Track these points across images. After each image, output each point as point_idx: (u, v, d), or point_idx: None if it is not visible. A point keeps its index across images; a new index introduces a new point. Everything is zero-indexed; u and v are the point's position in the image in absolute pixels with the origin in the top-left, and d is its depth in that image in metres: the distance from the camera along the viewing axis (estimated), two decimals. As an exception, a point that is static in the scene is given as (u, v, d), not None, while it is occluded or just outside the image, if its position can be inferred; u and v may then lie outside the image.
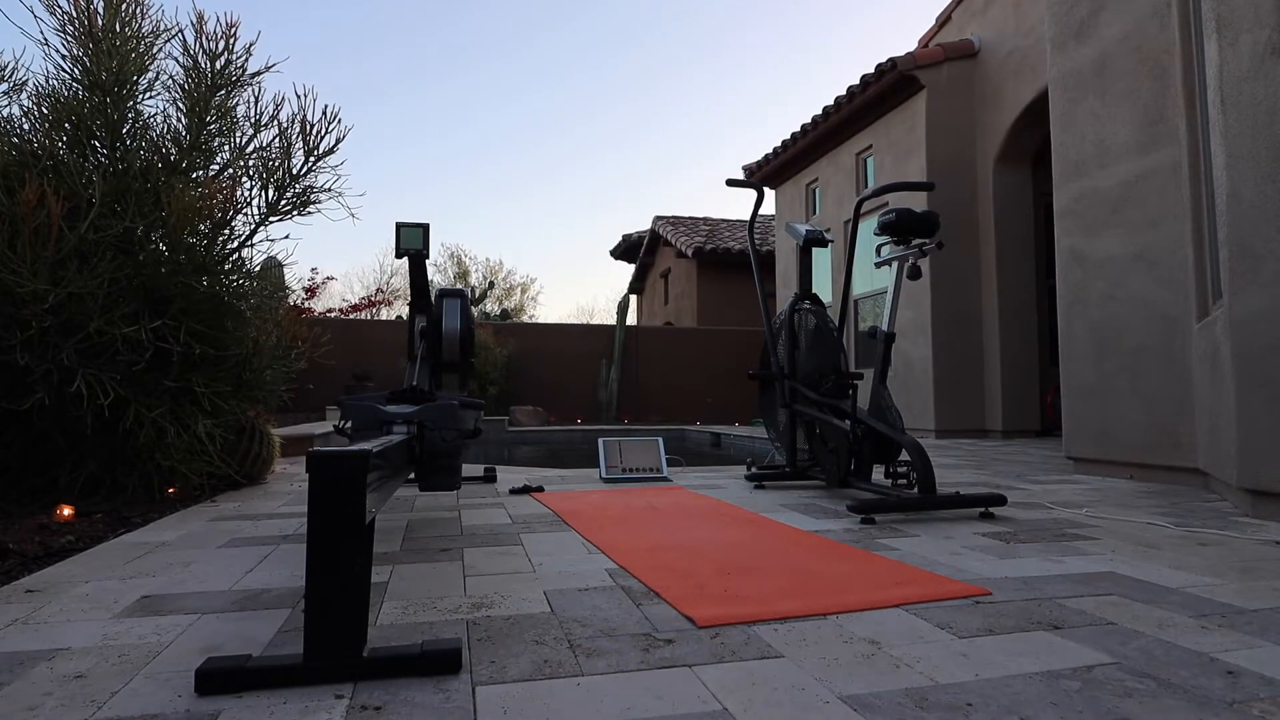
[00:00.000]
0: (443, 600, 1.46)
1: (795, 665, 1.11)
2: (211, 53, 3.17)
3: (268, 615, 1.37)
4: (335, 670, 1.04)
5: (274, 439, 3.47)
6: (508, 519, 2.42)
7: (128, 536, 2.15)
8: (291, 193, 3.26)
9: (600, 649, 1.18)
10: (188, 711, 0.96)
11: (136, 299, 2.80)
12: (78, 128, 2.95)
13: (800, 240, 3.33)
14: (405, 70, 42.48)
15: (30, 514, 2.43)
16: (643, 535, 2.09)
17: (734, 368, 11.53)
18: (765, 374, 3.49)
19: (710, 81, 50.45)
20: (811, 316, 3.24)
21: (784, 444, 3.37)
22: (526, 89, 44.81)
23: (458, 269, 21.74)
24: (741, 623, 1.30)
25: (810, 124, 8.40)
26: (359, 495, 1.05)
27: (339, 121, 3.30)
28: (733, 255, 13.65)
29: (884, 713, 0.94)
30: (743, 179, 3.69)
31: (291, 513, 2.56)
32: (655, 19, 48.29)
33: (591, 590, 1.53)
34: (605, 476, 3.47)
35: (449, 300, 2.98)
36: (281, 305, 3.64)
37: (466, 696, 0.99)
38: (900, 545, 1.99)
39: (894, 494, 2.64)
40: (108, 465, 2.82)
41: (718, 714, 0.94)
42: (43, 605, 1.44)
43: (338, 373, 8.98)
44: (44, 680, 1.06)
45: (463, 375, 3.05)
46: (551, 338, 11.92)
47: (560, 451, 7.90)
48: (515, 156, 44.03)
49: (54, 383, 2.59)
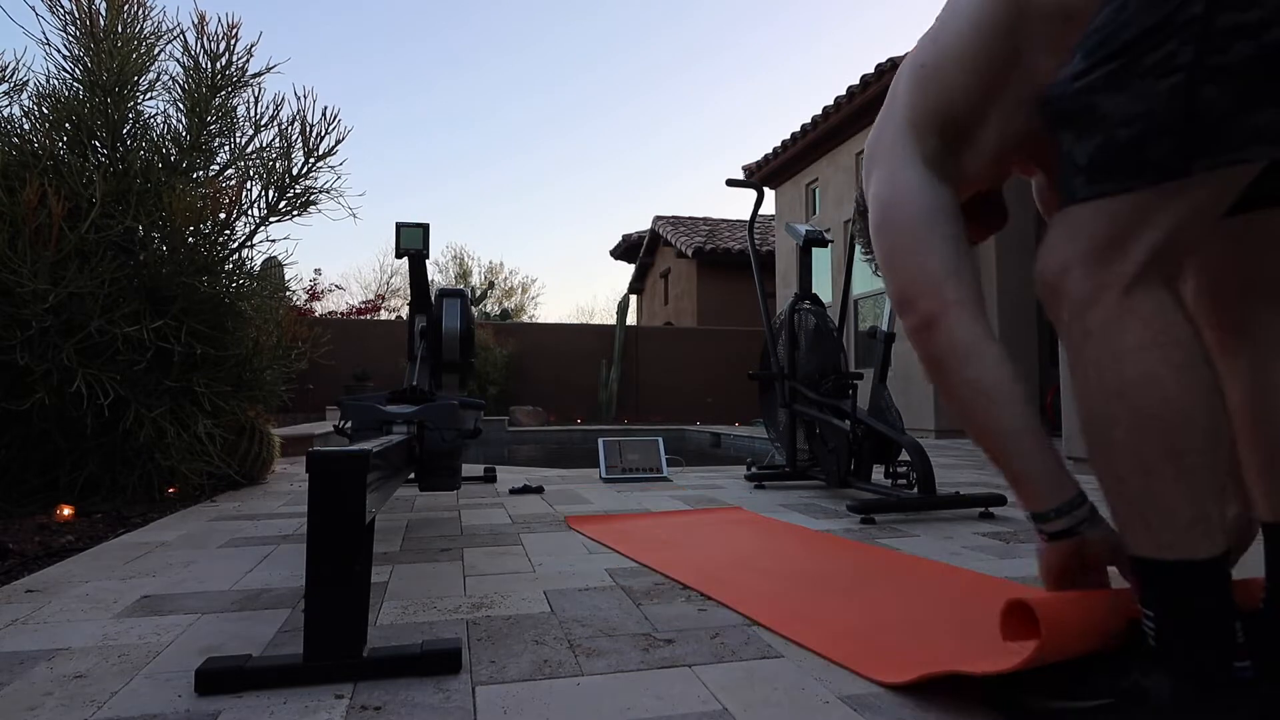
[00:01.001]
0: (443, 600, 1.46)
1: (795, 665, 1.10)
2: (213, 53, 3.17)
3: (268, 615, 1.37)
4: (335, 670, 1.04)
5: (274, 439, 3.47)
6: (508, 519, 2.42)
7: (128, 536, 2.15)
8: (292, 193, 3.26)
9: (600, 649, 1.18)
10: (188, 711, 0.96)
11: (137, 299, 2.80)
12: (78, 128, 2.95)
13: (800, 240, 3.33)
14: (406, 71, 42.52)
15: (30, 514, 2.43)
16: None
17: (734, 368, 11.52)
18: (765, 374, 3.49)
19: (711, 82, 50.49)
20: (811, 316, 3.24)
21: (784, 444, 3.37)
22: (527, 90, 44.85)
23: (459, 269, 21.76)
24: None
25: (810, 124, 8.41)
26: (359, 495, 1.05)
27: (339, 122, 3.31)
28: (733, 255, 13.65)
29: (884, 713, 0.94)
30: (743, 179, 3.69)
31: (291, 513, 2.56)
32: (656, 20, 48.33)
33: (591, 590, 1.53)
34: (605, 476, 3.48)
35: (449, 300, 2.98)
36: (282, 305, 3.64)
37: (466, 696, 0.99)
38: (900, 545, 1.99)
39: (894, 494, 2.64)
40: (108, 465, 2.82)
41: (718, 714, 0.94)
42: (43, 605, 1.44)
43: (338, 373, 8.98)
44: (44, 680, 1.06)
45: (463, 375, 3.05)
46: (551, 338, 11.92)
47: (560, 451, 7.90)
48: (516, 157, 44.08)
49: (54, 383, 2.59)
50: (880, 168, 1.10)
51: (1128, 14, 0.81)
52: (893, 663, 1.08)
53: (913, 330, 1.04)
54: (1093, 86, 0.84)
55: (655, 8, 51.06)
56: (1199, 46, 0.75)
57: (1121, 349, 0.82)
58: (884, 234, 1.08)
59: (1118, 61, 0.81)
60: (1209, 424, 0.80)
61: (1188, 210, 0.81)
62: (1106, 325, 0.83)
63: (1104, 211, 0.84)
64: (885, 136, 1.11)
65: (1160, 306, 0.82)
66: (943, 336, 1.00)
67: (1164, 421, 0.80)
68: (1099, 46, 0.84)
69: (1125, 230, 0.83)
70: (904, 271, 1.05)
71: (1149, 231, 0.82)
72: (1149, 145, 0.80)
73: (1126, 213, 0.83)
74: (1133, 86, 0.80)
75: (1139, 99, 0.80)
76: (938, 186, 1.05)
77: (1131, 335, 0.82)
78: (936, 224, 1.03)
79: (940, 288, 1.00)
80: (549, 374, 11.52)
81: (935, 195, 1.04)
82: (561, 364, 11.63)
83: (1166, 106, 0.78)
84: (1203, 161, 0.77)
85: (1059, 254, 0.88)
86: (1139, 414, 0.81)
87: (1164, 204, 0.81)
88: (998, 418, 0.98)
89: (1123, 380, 0.82)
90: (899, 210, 1.06)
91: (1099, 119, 0.83)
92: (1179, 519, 0.80)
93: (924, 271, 1.02)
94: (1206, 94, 0.75)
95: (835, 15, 54.28)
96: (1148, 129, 0.79)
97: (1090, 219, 0.86)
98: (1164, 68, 0.77)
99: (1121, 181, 0.83)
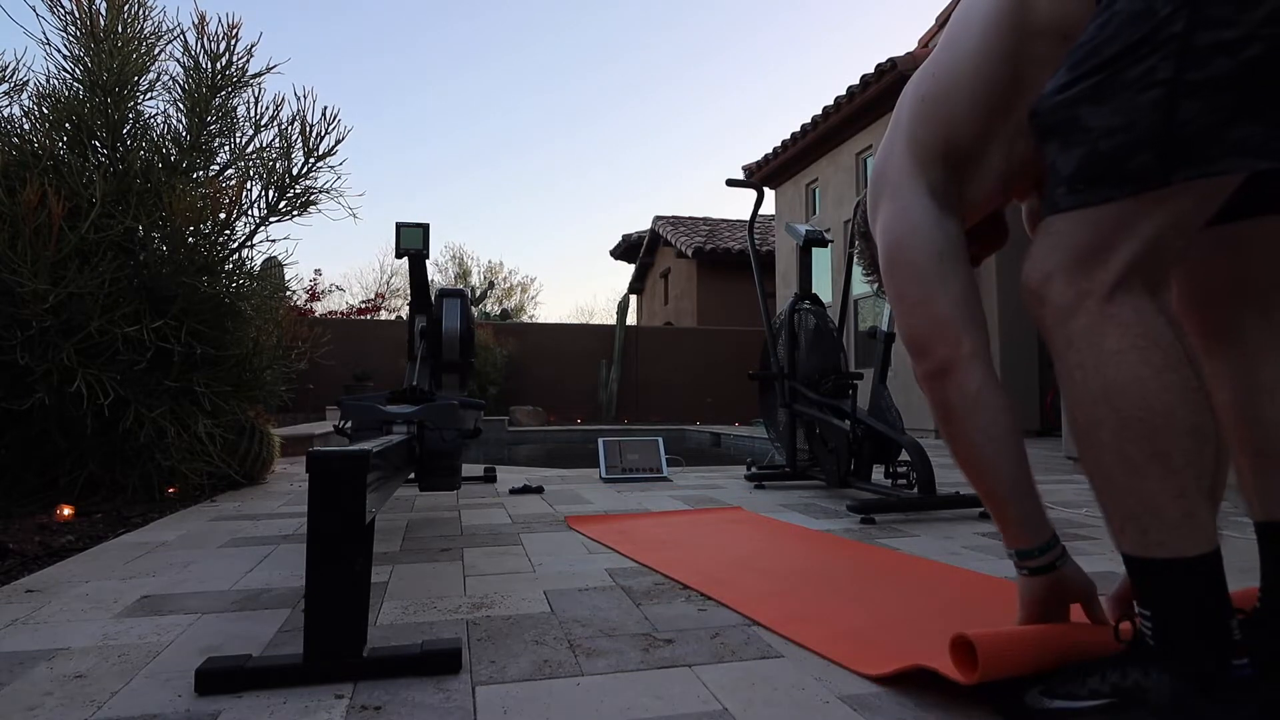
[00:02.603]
0: (443, 600, 1.46)
1: (795, 665, 1.11)
2: (213, 54, 3.17)
3: (268, 615, 1.37)
4: (335, 670, 1.04)
5: (274, 439, 3.47)
6: (508, 519, 2.42)
7: (128, 536, 2.15)
8: (292, 193, 3.26)
9: (600, 649, 1.18)
10: (188, 711, 0.96)
11: (137, 299, 2.80)
12: (79, 128, 2.95)
13: (800, 240, 3.33)
14: (406, 71, 42.53)
15: (30, 514, 2.43)
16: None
17: (734, 368, 11.52)
18: (765, 374, 3.49)
19: (711, 82, 50.52)
20: (811, 316, 3.24)
21: (784, 444, 3.38)
22: (527, 90, 44.85)
23: (459, 269, 21.75)
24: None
25: (810, 124, 8.40)
26: (359, 495, 1.05)
27: (339, 122, 3.31)
28: (733, 255, 13.65)
29: (884, 713, 0.94)
30: (743, 179, 3.69)
31: (291, 513, 2.56)
32: (656, 20, 48.35)
33: (591, 590, 1.53)
34: (605, 476, 3.48)
35: (449, 300, 2.98)
36: (282, 305, 3.64)
37: (466, 696, 0.99)
38: (900, 545, 1.99)
39: (894, 494, 2.64)
40: (107, 465, 2.82)
41: (718, 714, 0.94)
42: (43, 605, 1.44)
43: (338, 373, 8.99)
44: (44, 680, 1.06)
45: (463, 375, 3.05)
46: (551, 338, 11.92)
47: (560, 451, 7.90)
48: (516, 157, 44.10)
49: (54, 383, 2.59)
50: (888, 201, 1.13)
51: (1112, 29, 0.83)
52: (889, 660, 1.08)
53: (925, 376, 1.09)
54: (1077, 99, 0.86)
55: (656, 8, 51.08)
56: (1179, 62, 0.77)
57: (1103, 354, 0.84)
58: (894, 275, 1.12)
59: (1101, 75, 0.83)
60: (1193, 423, 0.81)
61: (1168, 220, 0.83)
62: (1088, 332, 0.85)
63: (1086, 221, 0.86)
64: (891, 167, 1.14)
65: (1140, 312, 0.84)
66: (955, 386, 1.05)
67: (1147, 423, 0.81)
68: (1084, 60, 0.86)
69: (1106, 240, 0.85)
70: (917, 317, 1.10)
71: (1130, 241, 0.84)
72: (1130, 157, 0.81)
73: (1108, 223, 0.85)
74: (1115, 99, 0.82)
75: (1121, 112, 0.81)
76: (945, 222, 1.08)
77: (1112, 340, 0.84)
78: (946, 264, 1.07)
79: (955, 338, 1.05)
80: (549, 374, 11.52)
81: (943, 232, 1.08)
82: (561, 364, 11.62)
83: (1147, 119, 0.80)
84: (1182, 173, 0.79)
85: (1042, 263, 0.90)
86: (1123, 416, 0.83)
87: (1144, 214, 0.83)
88: (999, 465, 1.04)
89: (1105, 384, 0.84)
90: (909, 251, 1.09)
91: (1082, 130, 0.85)
92: (1168, 517, 0.81)
93: (937, 321, 1.07)
94: (1186, 108, 0.77)
95: (835, 15, 54.31)
96: (1129, 141, 0.81)
97: (1072, 229, 0.88)
98: (1145, 82, 0.79)
99: (1103, 192, 0.84)
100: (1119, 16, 0.82)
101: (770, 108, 52.96)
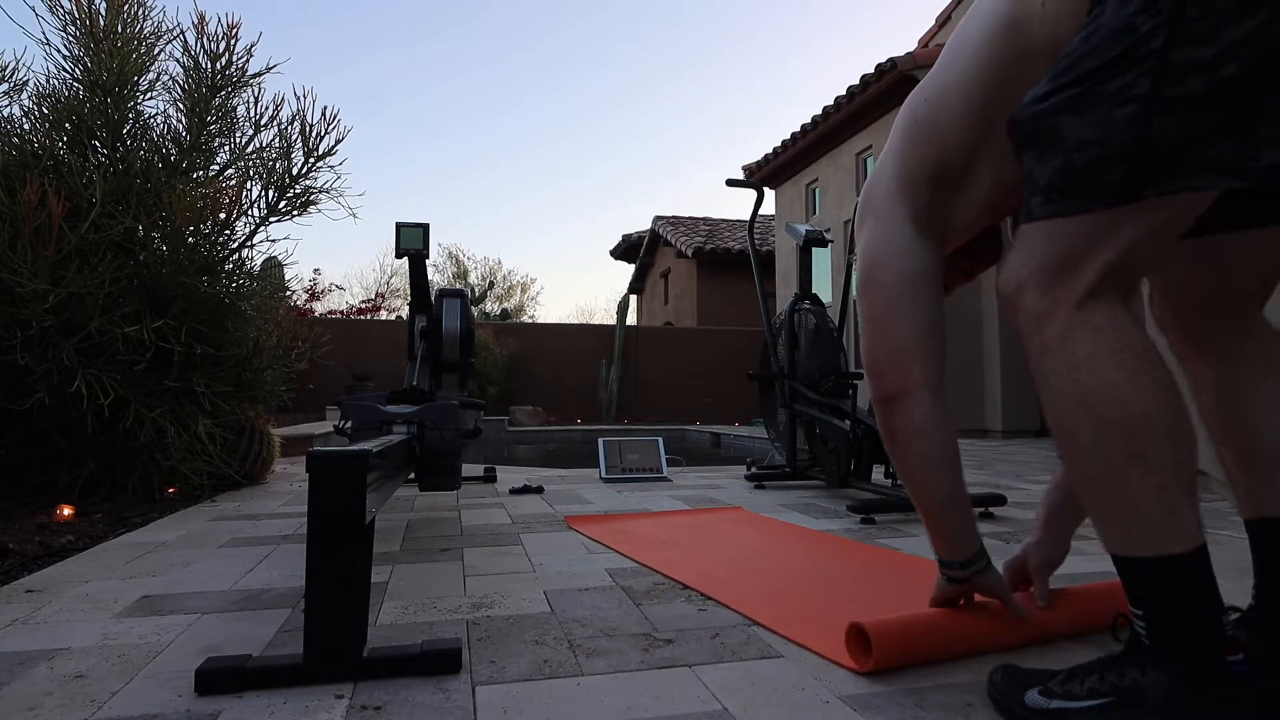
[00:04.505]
0: (443, 600, 1.46)
1: (795, 665, 1.11)
2: (213, 54, 3.17)
3: (268, 615, 1.37)
4: (335, 670, 1.04)
5: (274, 439, 3.47)
6: (508, 519, 2.43)
7: (128, 536, 2.15)
8: (292, 193, 3.26)
9: (600, 649, 1.18)
10: (188, 711, 0.96)
11: (137, 299, 2.80)
12: (78, 128, 2.95)
13: (800, 240, 3.33)
14: (406, 71, 42.55)
15: (30, 514, 2.43)
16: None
17: (734, 368, 11.51)
18: (765, 374, 3.49)
19: (711, 82, 50.55)
20: (811, 316, 3.24)
21: (784, 444, 3.38)
22: (527, 90, 44.88)
23: (457, 269, 21.74)
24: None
25: (810, 124, 8.40)
26: (359, 495, 1.05)
27: (339, 122, 3.31)
28: (733, 255, 13.64)
29: (884, 713, 0.94)
30: (743, 179, 3.69)
31: (291, 513, 2.56)
32: (656, 20, 48.37)
33: (591, 590, 1.53)
34: (605, 476, 3.48)
35: (449, 300, 2.98)
36: (282, 305, 3.64)
37: (466, 696, 1.00)
38: (900, 545, 1.99)
39: (894, 494, 2.64)
40: (108, 465, 2.82)
41: (718, 714, 0.94)
42: (43, 605, 1.44)
43: (338, 373, 8.98)
44: (44, 680, 1.06)
45: (463, 375, 3.04)
46: (551, 338, 11.91)
47: (560, 451, 7.90)
48: (516, 157, 44.11)
49: (54, 383, 2.59)
50: (871, 222, 1.17)
51: (1094, 43, 0.83)
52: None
53: (876, 400, 1.15)
54: (1055, 109, 0.86)
55: (656, 8, 51.11)
56: (1156, 78, 0.78)
57: (1076, 359, 0.85)
58: (866, 296, 1.17)
59: (1080, 87, 0.84)
60: (1169, 423, 0.82)
61: (1141, 233, 0.84)
62: (1061, 338, 0.87)
63: (1059, 231, 0.87)
64: (878, 189, 1.17)
65: (1112, 316, 0.85)
66: (901, 413, 1.11)
67: (1124, 425, 0.82)
68: (1064, 71, 0.86)
69: (1079, 250, 0.86)
70: (877, 341, 1.14)
71: (1102, 252, 0.85)
72: (1104, 170, 0.82)
73: (1081, 234, 0.86)
74: (1092, 112, 0.83)
75: (1097, 124, 0.82)
76: (923, 250, 1.12)
77: (1084, 346, 0.85)
78: (916, 290, 1.11)
79: (909, 368, 1.10)
80: (549, 374, 11.52)
81: (918, 259, 1.12)
82: (561, 364, 11.62)
83: (1123, 134, 0.80)
84: (1154, 188, 0.79)
85: (1016, 271, 0.92)
86: (1099, 419, 0.83)
87: (1117, 226, 0.84)
88: (935, 488, 1.13)
89: (1080, 388, 0.85)
90: (883, 272, 1.13)
91: (1058, 141, 0.86)
92: (1150, 516, 0.82)
93: (894, 349, 1.12)
94: (1161, 124, 0.78)
95: (835, 15, 54.34)
96: (1104, 154, 0.82)
97: (1046, 238, 0.88)
98: (1122, 96, 0.80)
99: (1076, 203, 0.85)
100: (1101, 30, 0.83)
101: (770, 108, 52.99)
